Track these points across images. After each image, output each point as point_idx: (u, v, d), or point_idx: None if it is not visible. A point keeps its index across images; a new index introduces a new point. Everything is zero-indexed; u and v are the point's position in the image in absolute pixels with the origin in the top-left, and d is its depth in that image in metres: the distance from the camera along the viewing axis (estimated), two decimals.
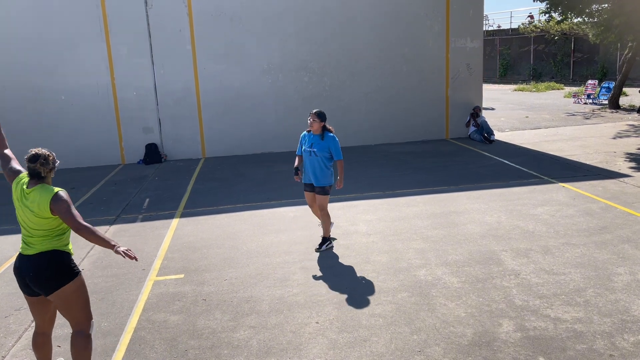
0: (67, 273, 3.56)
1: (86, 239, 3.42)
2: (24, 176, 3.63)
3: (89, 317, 3.71)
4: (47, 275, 3.51)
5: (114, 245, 3.44)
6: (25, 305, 5.08)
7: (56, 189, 3.52)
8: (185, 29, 12.10)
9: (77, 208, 3.49)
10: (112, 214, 8.14)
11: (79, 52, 11.80)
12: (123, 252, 3.41)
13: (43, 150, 3.57)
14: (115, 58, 11.96)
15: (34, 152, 3.54)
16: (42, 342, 3.78)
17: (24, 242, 3.60)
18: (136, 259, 3.48)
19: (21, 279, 3.59)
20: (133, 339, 4.49)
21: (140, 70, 12.12)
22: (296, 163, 6.17)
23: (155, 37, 12.03)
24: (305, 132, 6.15)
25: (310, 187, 6.18)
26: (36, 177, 3.54)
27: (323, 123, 5.99)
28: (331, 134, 6.01)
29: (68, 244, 3.65)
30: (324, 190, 6.09)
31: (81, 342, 3.66)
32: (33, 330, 3.97)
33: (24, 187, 3.55)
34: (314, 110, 6.00)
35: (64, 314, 3.66)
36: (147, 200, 8.93)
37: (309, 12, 12.49)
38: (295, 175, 6.13)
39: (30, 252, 3.54)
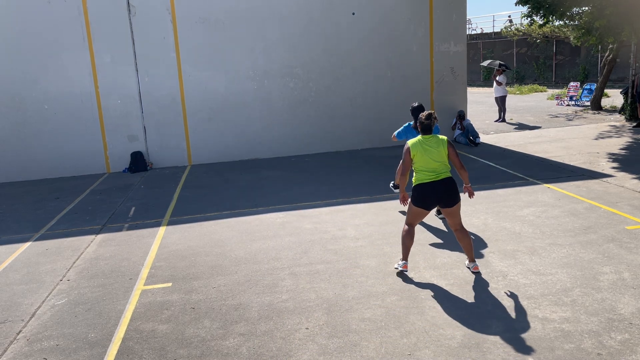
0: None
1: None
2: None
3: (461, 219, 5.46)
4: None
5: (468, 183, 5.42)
6: (11, 317, 5.10)
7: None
8: (170, 36, 12.06)
9: (62, 218, 3.47)
10: (97, 224, 8.06)
11: (62, 61, 11.69)
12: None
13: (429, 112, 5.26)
14: (99, 66, 11.87)
15: (428, 112, 5.24)
16: (413, 233, 5.50)
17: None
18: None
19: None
20: (121, 349, 4.45)
21: (124, 78, 12.04)
22: None
23: (139, 44, 11.97)
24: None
25: None
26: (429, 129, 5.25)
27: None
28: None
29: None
30: None
31: (466, 232, 5.42)
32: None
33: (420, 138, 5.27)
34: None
35: (451, 218, 5.34)
36: (133, 208, 8.85)
37: (293, 18, 12.51)
38: None
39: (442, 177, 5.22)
